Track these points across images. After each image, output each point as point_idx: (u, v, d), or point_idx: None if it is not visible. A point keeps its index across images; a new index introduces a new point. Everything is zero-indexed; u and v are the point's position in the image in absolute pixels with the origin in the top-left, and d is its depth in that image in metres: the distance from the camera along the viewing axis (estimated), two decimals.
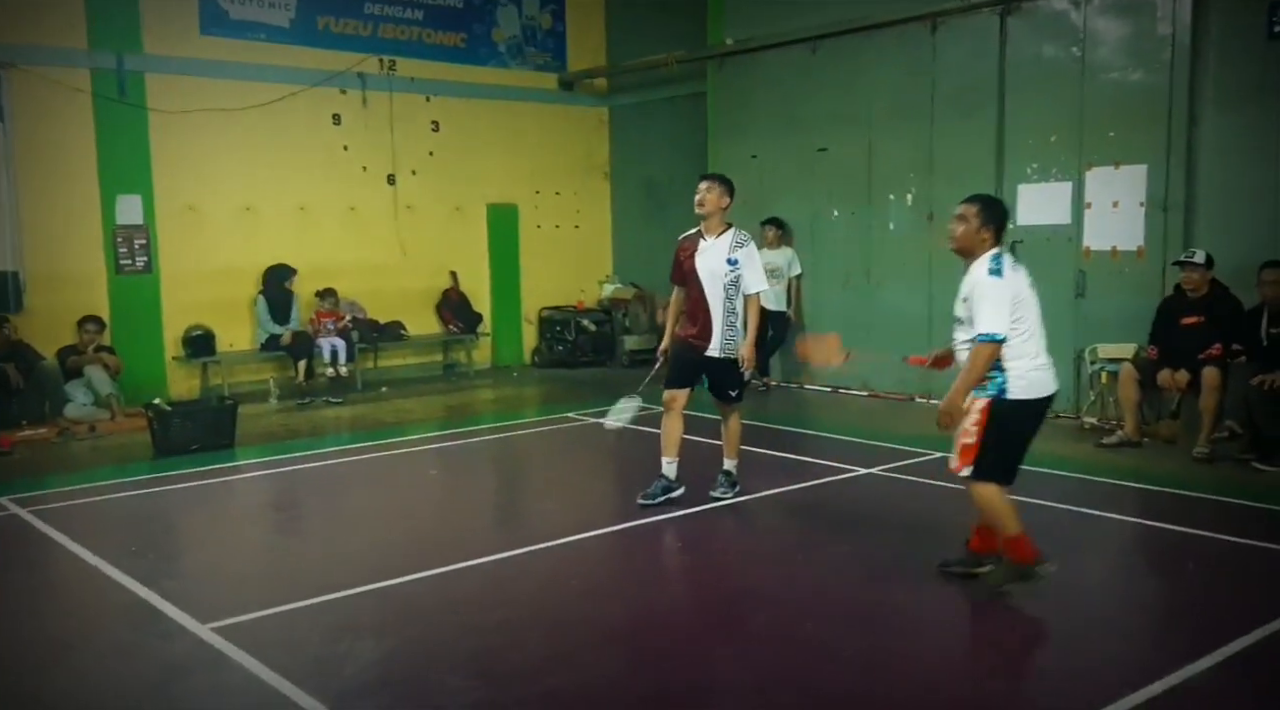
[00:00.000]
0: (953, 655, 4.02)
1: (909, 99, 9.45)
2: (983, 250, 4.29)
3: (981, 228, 4.30)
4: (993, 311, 4.13)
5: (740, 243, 5.96)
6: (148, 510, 6.52)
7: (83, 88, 9.55)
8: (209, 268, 10.35)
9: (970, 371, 4.19)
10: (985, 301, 4.16)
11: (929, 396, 9.50)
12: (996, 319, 4.13)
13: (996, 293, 4.17)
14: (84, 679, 3.92)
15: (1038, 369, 4.28)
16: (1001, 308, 4.15)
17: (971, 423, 4.24)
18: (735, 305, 5.93)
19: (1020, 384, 4.22)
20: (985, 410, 4.21)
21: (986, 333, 4.13)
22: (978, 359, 4.16)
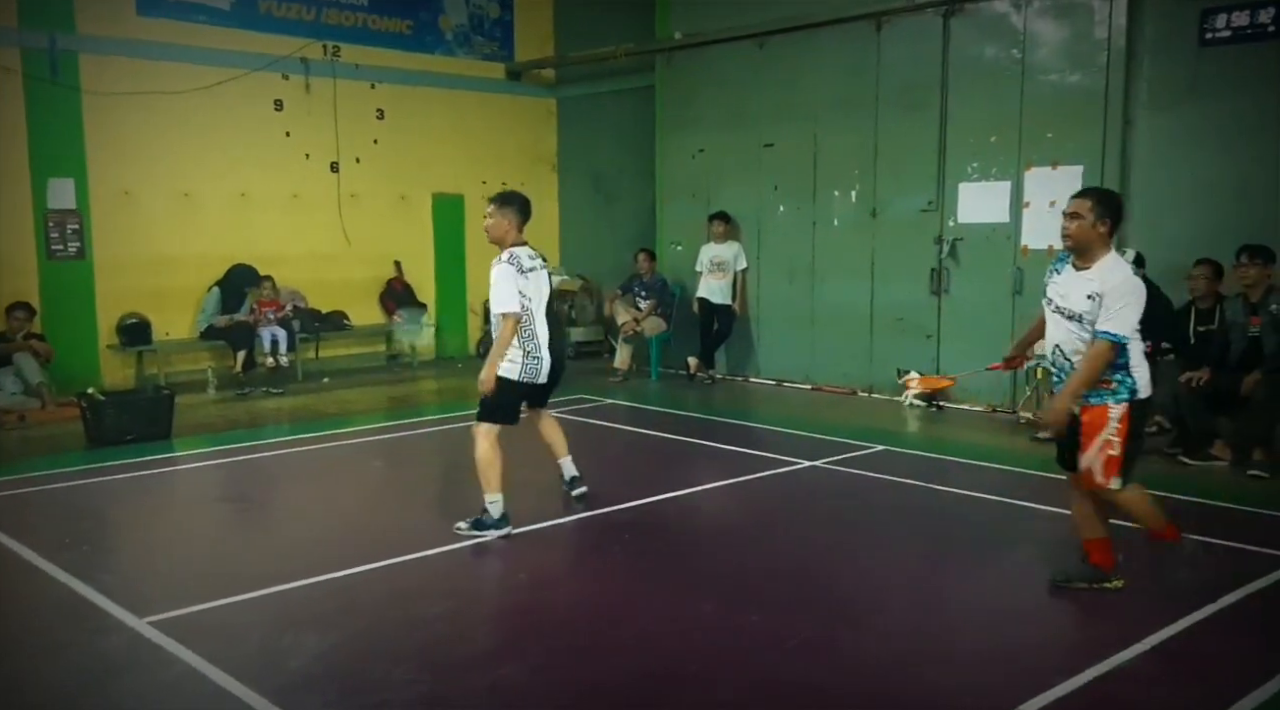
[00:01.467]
0: (889, 643, 4.10)
1: (854, 96, 9.56)
2: (1101, 246, 4.16)
3: (1098, 222, 4.14)
4: (1129, 313, 4.05)
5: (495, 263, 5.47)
6: (81, 502, 6.36)
7: (12, 67, 9.25)
8: (145, 254, 10.11)
9: (1089, 373, 4.10)
10: (1130, 304, 4.05)
11: (870, 390, 9.65)
12: (1130, 321, 4.06)
13: (1139, 293, 4.10)
14: (14, 676, 3.82)
15: (1146, 362, 4.26)
16: (1136, 309, 4.08)
17: (1112, 433, 4.15)
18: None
19: (1144, 381, 4.19)
20: (1126, 417, 4.14)
21: (1119, 333, 4.04)
22: (1099, 360, 4.07)
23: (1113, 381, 4.16)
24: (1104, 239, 4.17)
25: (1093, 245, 4.17)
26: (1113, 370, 4.15)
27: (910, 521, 5.85)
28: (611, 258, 12.41)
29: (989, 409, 8.79)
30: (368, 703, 3.55)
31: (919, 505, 6.12)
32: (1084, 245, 4.18)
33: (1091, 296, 4.12)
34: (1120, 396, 4.15)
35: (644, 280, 11.00)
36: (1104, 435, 4.17)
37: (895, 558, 5.18)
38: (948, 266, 9.03)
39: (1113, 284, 4.08)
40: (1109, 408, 4.16)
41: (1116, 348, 4.08)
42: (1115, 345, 4.06)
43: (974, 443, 7.62)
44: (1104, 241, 4.17)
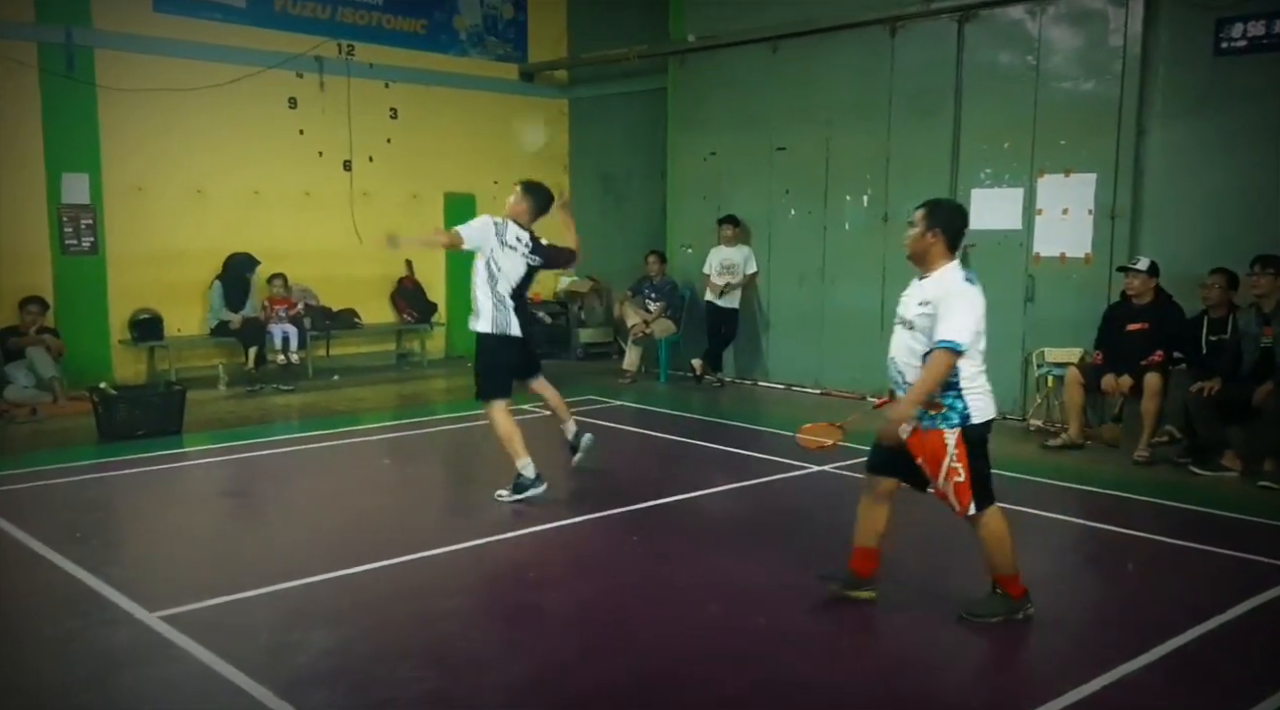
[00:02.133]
0: (895, 649, 4.09)
1: (867, 101, 9.56)
2: (935, 256, 4.11)
3: (927, 232, 4.11)
4: (964, 320, 3.95)
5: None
6: (92, 496, 6.39)
7: (28, 62, 9.29)
8: (158, 250, 10.15)
9: (927, 380, 3.96)
10: (959, 310, 3.95)
11: (880, 395, 9.62)
12: (965, 329, 3.94)
13: (973, 301, 4.01)
14: (24, 667, 3.84)
15: (989, 391, 4.14)
16: (970, 317, 3.97)
17: (953, 460, 4.04)
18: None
19: (979, 407, 4.06)
20: (959, 442, 4.03)
21: (951, 340, 3.91)
22: (938, 368, 3.93)
23: (944, 404, 4.03)
24: (940, 249, 4.12)
25: (928, 255, 4.13)
26: (944, 391, 4.02)
27: (917, 527, 5.82)
28: (621, 259, 12.41)
29: (999, 416, 8.74)
30: (375, 699, 3.56)
31: (926, 511, 6.08)
32: (918, 254, 4.17)
33: (923, 303, 4.07)
34: (952, 422, 4.03)
35: (654, 282, 11.01)
36: (946, 463, 4.06)
37: (902, 563, 5.17)
38: None
39: (943, 292, 4.02)
40: (943, 433, 4.04)
41: (956, 357, 3.94)
42: (955, 354, 3.93)
43: None
44: (941, 252, 4.12)
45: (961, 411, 4.03)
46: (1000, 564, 4.19)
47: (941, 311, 3.96)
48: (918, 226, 4.14)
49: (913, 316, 4.11)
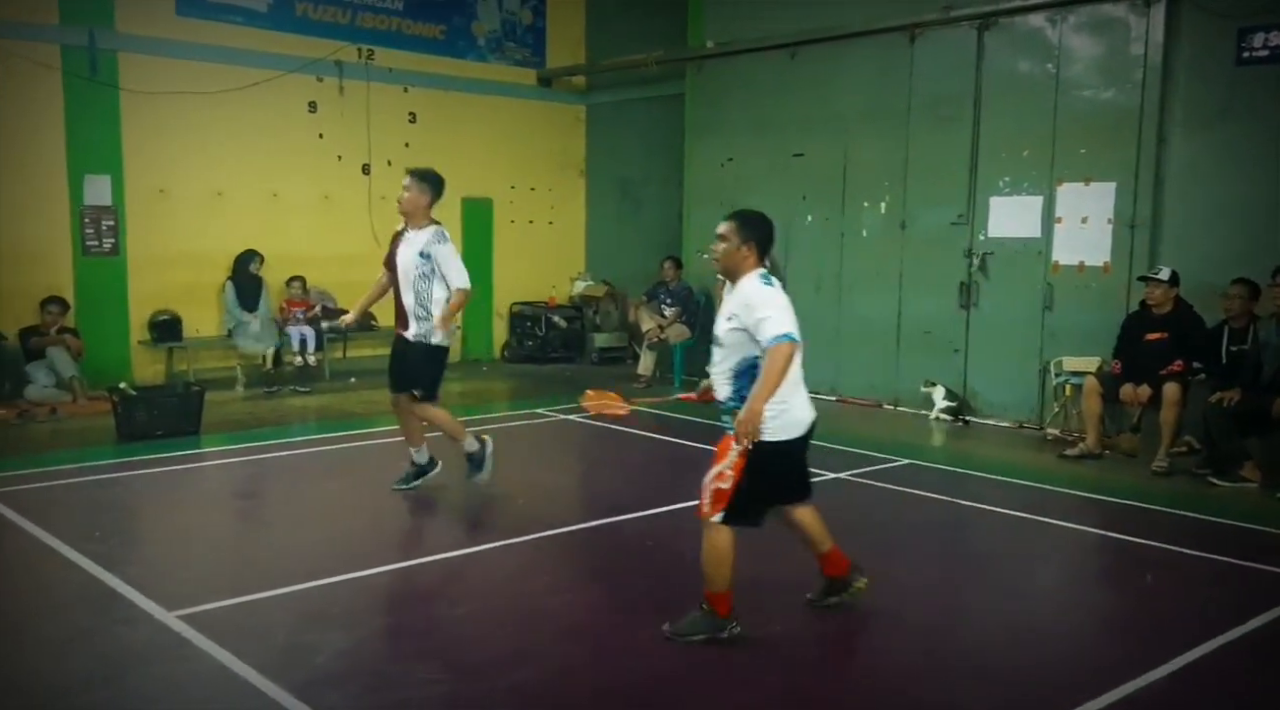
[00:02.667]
0: (911, 658, 4.07)
1: (885, 108, 9.54)
2: (747, 268, 4.00)
3: (742, 245, 3.99)
4: (781, 314, 3.80)
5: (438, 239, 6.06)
6: (110, 495, 6.44)
7: (52, 64, 9.39)
8: (177, 252, 10.23)
9: (770, 376, 3.75)
10: (769, 307, 3.82)
11: (896, 403, 9.60)
12: (789, 319, 3.80)
13: (778, 297, 3.88)
14: (41, 664, 3.87)
15: (794, 408, 3.95)
16: (787, 309, 3.84)
17: (729, 465, 3.87)
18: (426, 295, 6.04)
19: (775, 424, 3.85)
20: (742, 454, 3.84)
21: (783, 332, 3.75)
22: (776, 362, 3.74)
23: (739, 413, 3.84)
24: (752, 261, 4.01)
25: (739, 268, 4.02)
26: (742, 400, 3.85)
27: (935, 536, 5.82)
28: (637, 264, 12.42)
29: (1016, 424, 8.72)
30: (390, 700, 3.57)
31: (944, 520, 6.08)
32: (730, 269, 4.04)
33: (730, 318, 3.96)
34: None
35: (670, 288, 11.01)
36: (721, 465, 3.91)
37: (919, 572, 5.15)
38: (977, 280, 8.98)
39: (744, 300, 3.90)
40: (732, 440, 3.88)
41: (790, 348, 3.75)
42: (791, 344, 3.75)
43: (1001, 458, 7.57)
44: (753, 264, 4.01)
45: None
46: (713, 578, 4.00)
47: (753, 318, 3.82)
48: (730, 240, 4.01)
49: (721, 333, 4.01)
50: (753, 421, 3.76)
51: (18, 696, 3.61)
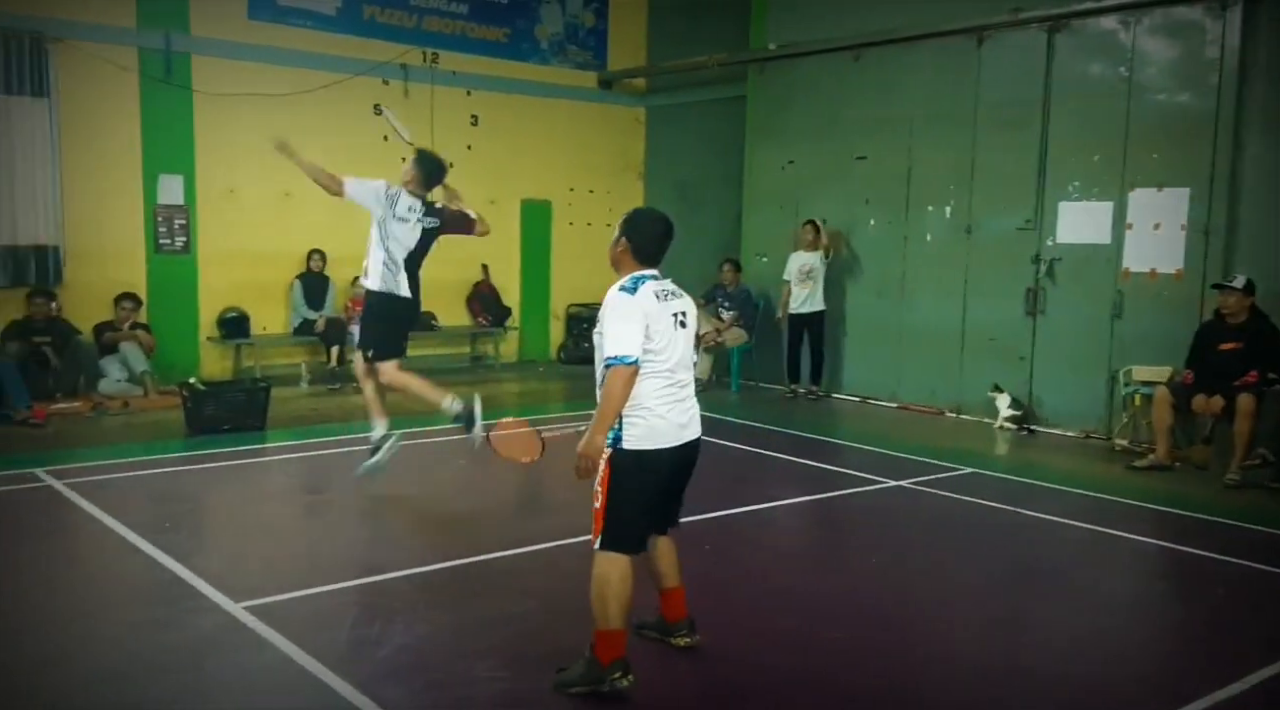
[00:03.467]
0: (972, 669, 4.00)
1: (951, 111, 9.41)
2: (626, 267, 3.68)
3: (617, 243, 3.70)
4: (618, 330, 3.48)
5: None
6: (180, 487, 6.60)
7: (129, 66, 9.65)
8: (246, 251, 10.44)
9: (604, 402, 3.49)
10: (610, 319, 3.52)
11: (959, 410, 9.46)
12: (624, 340, 3.46)
13: (623, 310, 3.51)
14: (116, 650, 3.97)
15: (665, 415, 3.60)
16: (628, 324, 3.48)
17: (596, 483, 3.59)
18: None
19: (637, 431, 3.56)
20: (606, 466, 3.57)
21: (613, 356, 3.46)
22: (609, 388, 3.46)
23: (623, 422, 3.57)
24: (629, 259, 3.68)
25: (618, 266, 3.72)
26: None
27: (997, 546, 5.72)
28: (694, 267, 12.34)
29: (1083, 434, 8.54)
30: (452, 697, 3.60)
31: (1007, 530, 5.98)
32: (613, 264, 3.74)
33: (596, 324, 3.66)
34: (607, 441, 3.56)
35: (727, 290, 10.97)
36: (594, 483, 3.61)
37: (981, 582, 5.07)
38: (1044, 286, 8.81)
39: (603, 310, 3.58)
40: (605, 452, 3.57)
41: (629, 370, 3.45)
42: (625, 368, 3.44)
43: (1067, 468, 7.41)
44: (630, 263, 3.68)
45: (615, 432, 3.56)
46: (600, 613, 3.59)
47: (601, 329, 3.56)
48: (614, 236, 3.74)
49: (596, 341, 3.66)
50: (588, 453, 3.50)
51: (96, 682, 3.71)
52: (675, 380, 3.64)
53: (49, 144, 9.22)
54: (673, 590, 4.01)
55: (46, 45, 9.12)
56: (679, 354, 3.64)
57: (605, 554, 3.62)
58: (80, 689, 3.65)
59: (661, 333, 3.56)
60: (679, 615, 4.02)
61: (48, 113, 9.19)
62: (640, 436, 3.57)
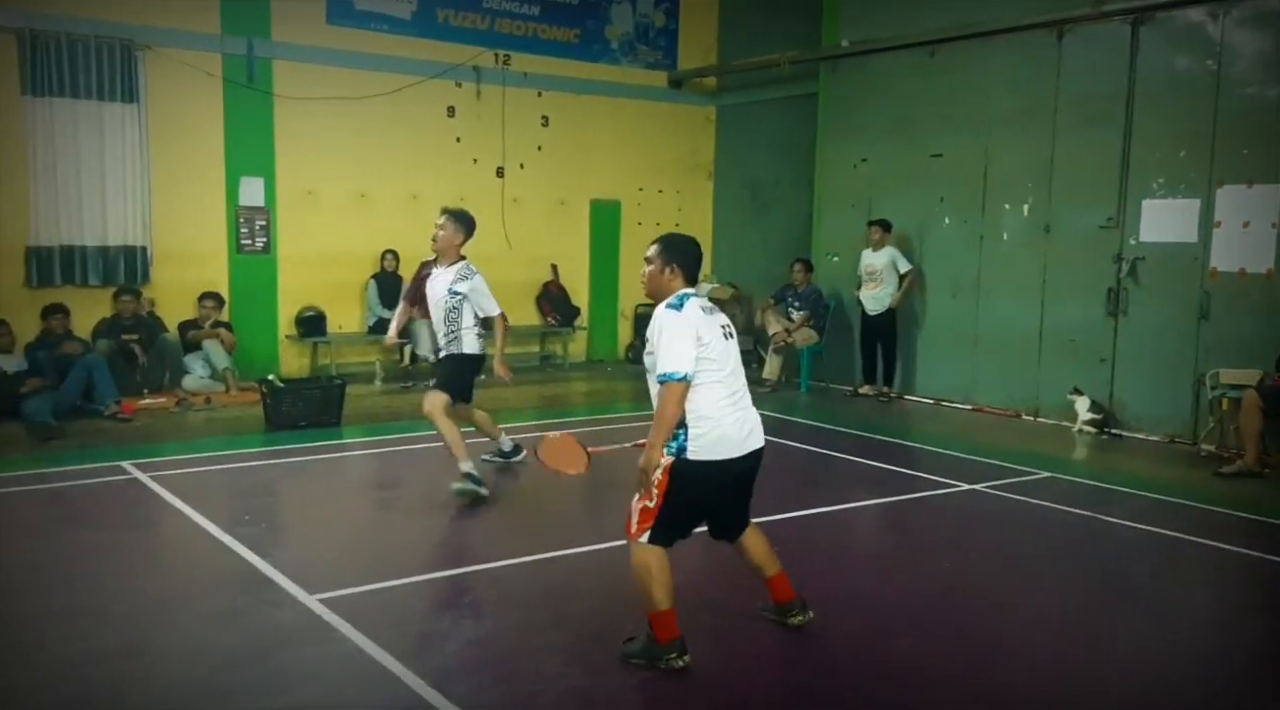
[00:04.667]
0: (1045, 682, 3.89)
1: (1030, 107, 9.19)
2: (674, 290, 3.88)
3: (665, 267, 3.88)
4: (670, 347, 3.67)
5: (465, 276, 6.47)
6: (258, 481, 6.77)
7: (214, 72, 9.93)
8: (323, 251, 10.67)
9: (658, 419, 3.67)
10: (665, 337, 3.69)
11: (1036, 413, 9.23)
12: (677, 357, 3.65)
13: (675, 328, 3.70)
14: (199, 639, 4.08)
15: (725, 426, 3.77)
16: (680, 341, 3.67)
17: (653, 483, 3.75)
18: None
19: (701, 443, 3.72)
20: (667, 471, 3.73)
21: (668, 372, 3.64)
22: (664, 405, 3.65)
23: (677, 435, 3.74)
24: (679, 283, 3.89)
25: (664, 291, 3.90)
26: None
27: (1075, 552, 5.56)
28: (763, 267, 12.33)
29: (1167, 439, 8.26)
30: (520, 692, 3.62)
31: (1086, 536, 5.81)
32: (655, 292, 3.94)
33: (645, 342, 3.87)
34: (669, 449, 3.73)
35: (798, 291, 10.87)
36: (645, 484, 3.76)
37: (1057, 590, 4.93)
38: (1126, 287, 8.55)
39: (654, 328, 3.78)
40: (667, 460, 3.74)
41: (682, 387, 3.65)
42: (677, 384, 3.64)
43: (1149, 473, 7.18)
44: (680, 286, 3.89)
45: (680, 443, 3.72)
46: (647, 597, 3.80)
47: (655, 346, 3.75)
48: (654, 263, 3.93)
49: (646, 360, 3.89)
50: (646, 467, 3.70)
51: (179, 668, 3.82)
52: (734, 389, 3.83)
53: (138, 148, 9.55)
54: (775, 577, 4.19)
55: (136, 53, 9.45)
56: (733, 362, 3.84)
57: (649, 547, 3.79)
58: (161, 676, 3.75)
59: (712, 343, 3.75)
60: (788, 597, 4.19)
61: (138, 118, 9.52)
62: (706, 447, 3.73)
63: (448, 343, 6.47)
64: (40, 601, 4.45)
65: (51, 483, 6.43)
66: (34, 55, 8.96)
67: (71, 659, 3.84)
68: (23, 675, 3.71)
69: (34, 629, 4.14)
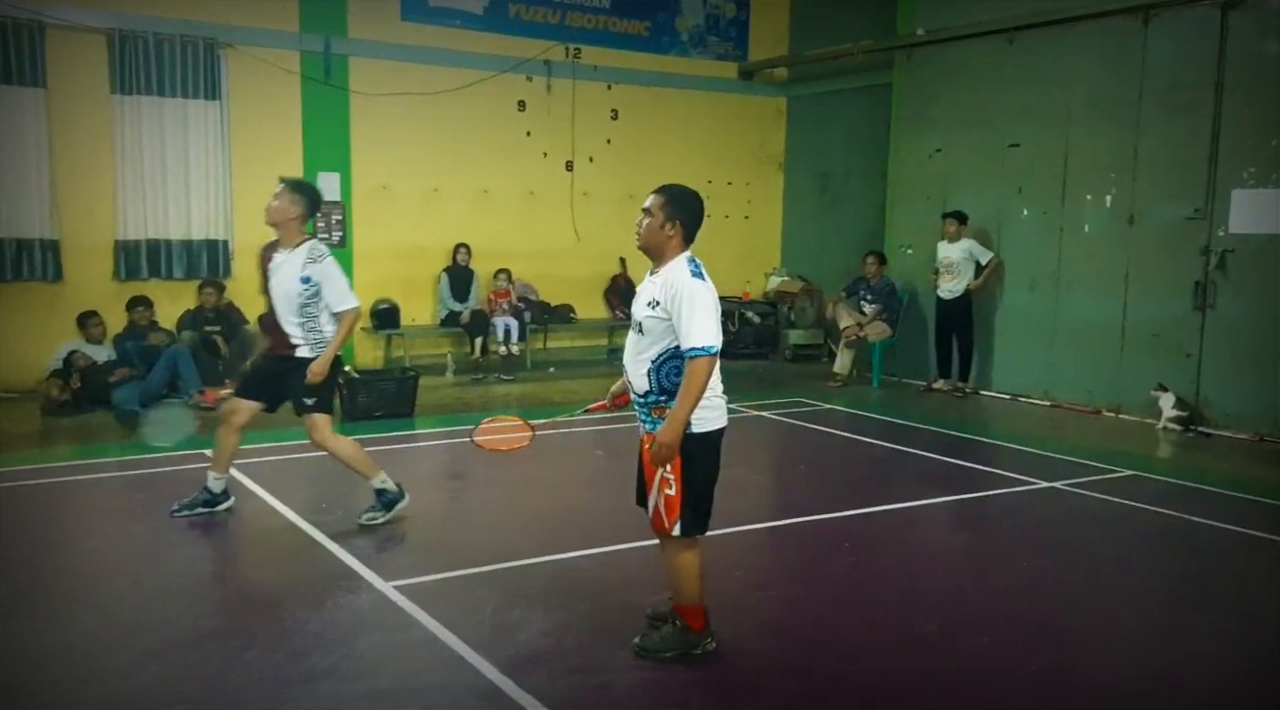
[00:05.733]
0: (1127, 682, 3.78)
1: (1113, 95, 8.91)
2: (671, 249, 3.71)
3: (666, 222, 3.69)
4: (706, 320, 3.55)
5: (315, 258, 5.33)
6: (336, 471, 6.86)
7: (292, 69, 10.15)
8: (397, 245, 10.84)
9: (690, 392, 3.53)
10: (697, 310, 3.54)
11: (1118, 410, 8.97)
12: (711, 331, 3.55)
13: (703, 299, 3.58)
14: (283, 624, 4.18)
15: (719, 394, 3.73)
16: (713, 314, 3.59)
17: (666, 471, 3.65)
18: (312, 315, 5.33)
19: (702, 414, 3.62)
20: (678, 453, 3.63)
21: (704, 346, 3.52)
22: (698, 377, 3.52)
23: (665, 408, 3.63)
24: (677, 241, 3.70)
25: (665, 248, 3.70)
26: (661, 395, 3.66)
27: (1158, 552, 5.40)
28: (835, 260, 12.19)
29: (1256, 437, 7.96)
30: (591, 683, 3.64)
31: (1170, 536, 5.64)
32: (653, 247, 3.72)
33: (653, 304, 3.65)
34: None
35: (870, 284, 10.73)
36: (660, 472, 3.65)
37: (1139, 590, 4.80)
38: (1215, 280, 8.25)
39: (674, 292, 3.57)
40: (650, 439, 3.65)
41: (714, 361, 3.55)
42: (711, 359, 3.53)
43: (1237, 472, 6.93)
44: (678, 245, 3.70)
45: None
46: (685, 594, 3.81)
47: (680, 317, 3.56)
48: (655, 216, 3.71)
49: (642, 319, 3.70)
50: (671, 443, 3.56)
51: (266, 651, 3.91)
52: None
53: (220, 144, 9.81)
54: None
55: (219, 51, 9.70)
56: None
57: (682, 539, 3.74)
58: (249, 658, 3.85)
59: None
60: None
61: (220, 114, 9.78)
62: (706, 418, 3.66)
63: (311, 346, 5.32)
64: (133, 584, 4.61)
65: (139, 469, 6.65)
66: (122, 55, 9.26)
67: (164, 640, 3.97)
68: (120, 656, 3.84)
69: (130, 610, 4.30)
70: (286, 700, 3.50)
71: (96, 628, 4.11)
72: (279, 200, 5.45)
